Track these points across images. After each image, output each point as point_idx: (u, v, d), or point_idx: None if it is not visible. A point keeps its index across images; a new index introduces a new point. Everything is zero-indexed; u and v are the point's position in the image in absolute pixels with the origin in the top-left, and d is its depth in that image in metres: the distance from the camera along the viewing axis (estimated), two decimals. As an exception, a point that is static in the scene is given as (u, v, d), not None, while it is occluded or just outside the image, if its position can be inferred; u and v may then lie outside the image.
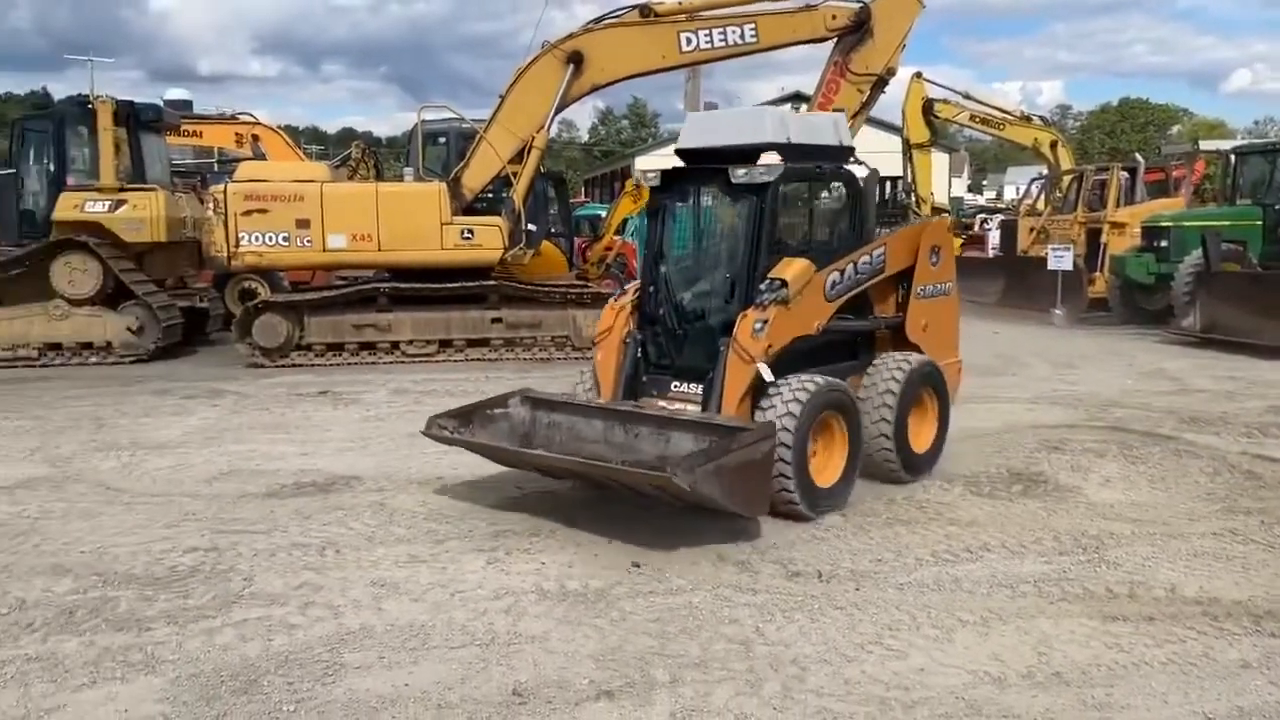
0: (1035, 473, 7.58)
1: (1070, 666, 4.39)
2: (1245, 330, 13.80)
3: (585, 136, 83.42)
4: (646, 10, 12.57)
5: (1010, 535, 6.13)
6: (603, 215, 21.13)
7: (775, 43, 12.98)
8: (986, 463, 7.82)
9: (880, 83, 13.25)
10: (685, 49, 12.77)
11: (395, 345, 13.38)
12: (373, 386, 11.47)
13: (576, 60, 12.70)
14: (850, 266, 7.03)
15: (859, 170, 7.35)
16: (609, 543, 5.90)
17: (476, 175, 13.29)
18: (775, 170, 6.56)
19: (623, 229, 18.56)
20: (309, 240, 12.95)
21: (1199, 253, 14.96)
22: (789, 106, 30.18)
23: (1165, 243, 16.30)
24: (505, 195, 13.55)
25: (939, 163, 28.16)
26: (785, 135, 6.81)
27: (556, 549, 5.85)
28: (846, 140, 7.43)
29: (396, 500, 6.89)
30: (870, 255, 7.20)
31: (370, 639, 4.66)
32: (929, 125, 21.17)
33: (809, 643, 4.62)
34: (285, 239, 12.92)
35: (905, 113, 20.96)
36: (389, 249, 13.08)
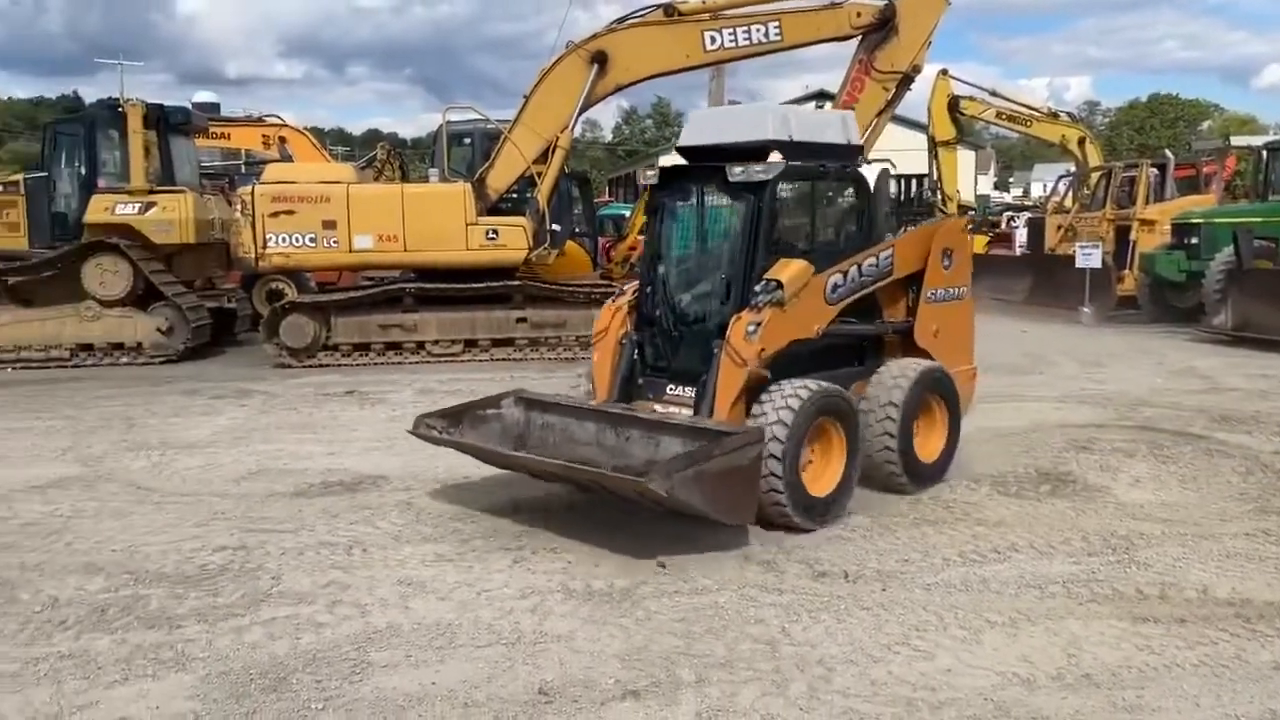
0: (1063, 472, 7.51)
1: (1100, 668, 4.35)
2: (1278, 328, 13.63)
3: (609, 136, 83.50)
4: (670, 9, 12.55)
5: (1038, 535, 6.08)
6: (626, 215, 21.14)
7: (799, 41, 12.91)
8: (1014, 462, 7.76)
9: (906, 80, 13.14)
10: (709, 48, 12.73)
11: (421, 345, 13.45)
12: (399, 386, 11.53)
13: (600, 60, 12.71)
14: (854, 269, 6.76)
15: (868, 170, 7.17)
16: (634, 542, 5.89)
17: (501, 176, 13.34)
18: (773, 169, 6.39)
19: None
20: (335, 241, 13.04)
21: (1230, 250, 14.77)
22: (813, 105, 30.11)
23: (1196, 240, 16.12)
24: (530, 195, 13.60)
25: (965, 160, 27.92)
26: (787, 133, 6.64)
27: (582, 548, 5.85)
28: (855, 139, 7.23)
29: (423, 500, 6.93)
30: (877, 257, 6.92)
31: (397, 638, 4.69)
32: (955, 122, 20.97)
33: (835, 643, 4.60)
34: (312, 240, 13.01)
35: (931, 110, 20.77)
36: (414, 249, 13.16)
